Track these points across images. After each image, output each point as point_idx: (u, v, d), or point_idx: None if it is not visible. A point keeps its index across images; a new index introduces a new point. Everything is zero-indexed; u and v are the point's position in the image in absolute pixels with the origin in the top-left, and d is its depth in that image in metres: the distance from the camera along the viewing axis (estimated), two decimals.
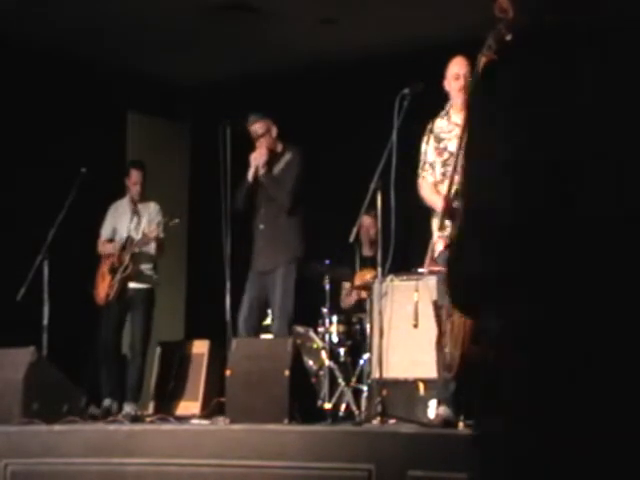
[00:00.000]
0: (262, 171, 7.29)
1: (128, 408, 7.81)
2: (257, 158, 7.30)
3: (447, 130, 6.08)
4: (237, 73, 9.84)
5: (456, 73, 6.04)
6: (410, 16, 8.55)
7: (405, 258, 6.69)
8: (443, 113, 6.14)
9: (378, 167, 6.18)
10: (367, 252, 8.66)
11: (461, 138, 5.83)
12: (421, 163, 6.14)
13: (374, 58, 9.22)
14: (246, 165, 7.38)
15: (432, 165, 6.10)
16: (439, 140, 6.07)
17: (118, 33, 9.04)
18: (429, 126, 6.15)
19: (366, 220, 7.89)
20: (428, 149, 6.12)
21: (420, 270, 7.25)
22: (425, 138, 6.15)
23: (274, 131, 7.39)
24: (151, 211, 8.26)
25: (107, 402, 7.84)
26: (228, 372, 6.31)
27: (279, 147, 7.41)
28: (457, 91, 6.01)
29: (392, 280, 7.23)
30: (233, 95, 9.70)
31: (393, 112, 6.12)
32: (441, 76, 6.15)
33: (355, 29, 8.91)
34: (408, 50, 8.89)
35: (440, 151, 6.06)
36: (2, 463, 6.09)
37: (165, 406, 8.01)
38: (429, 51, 8.89)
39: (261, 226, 7.32)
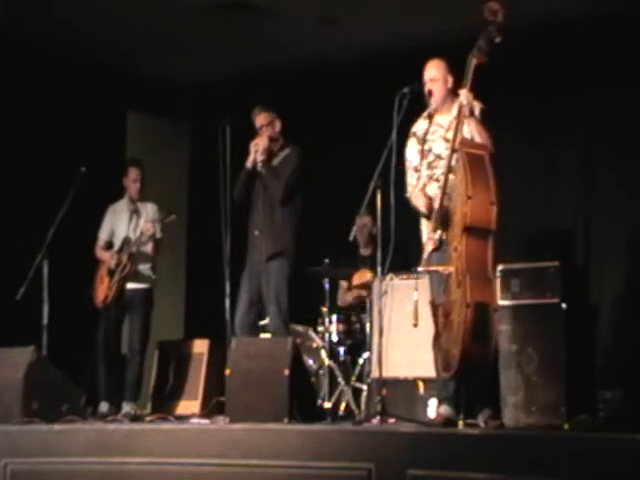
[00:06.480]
0: (260, 158, 7.29)
1: (127, 407, 7.80)
2: (257, 144, 7.31)
3: (431, 131, 6.09)
4: (237, 72, 9.84)
5: (430, 78, 6.07)
6: (410, 16, 8.56)
7: (405, 257, 6.68)
8: (425, 115, 6.16)
9: (378, 166, 6.18)
10: (364, 252, 8.69)
11: (452, 140, 5.82)
12: (408, 172, 6.14)
13: (374, 58, 9.22)
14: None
15: (416, 169, 6.11)
16: (423, 142, 6.09)
17: (118, 33, 9.04)
18: (411, 130, 6.18)
19: (360, 220, 7.90)
20: (411, 153, 6.14)
21: (419, 269, 7.27)
22: (408, 142, 6.17)
23: (278, 124, 7.41)
24: (149, 211, 8.25)
25: (104, 407, 7.82)
26: (228, 371, 6.31)
27: (280, 141, 7.41)
28: (441, 93, 6.02)
29: (392, 279, 7.23)
30: (233, 94, 9.69)
31: (393, 111, 6.11)
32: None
33: (355, 29, 8.91)
34: (408, 50, 8.88)
35: (425, 153, 6.07)
36: (2, 462, 6.10)
37: (165, 405, 8.01)
38: (429, 51, 8.90)
39: (257, 218, 7.32)
